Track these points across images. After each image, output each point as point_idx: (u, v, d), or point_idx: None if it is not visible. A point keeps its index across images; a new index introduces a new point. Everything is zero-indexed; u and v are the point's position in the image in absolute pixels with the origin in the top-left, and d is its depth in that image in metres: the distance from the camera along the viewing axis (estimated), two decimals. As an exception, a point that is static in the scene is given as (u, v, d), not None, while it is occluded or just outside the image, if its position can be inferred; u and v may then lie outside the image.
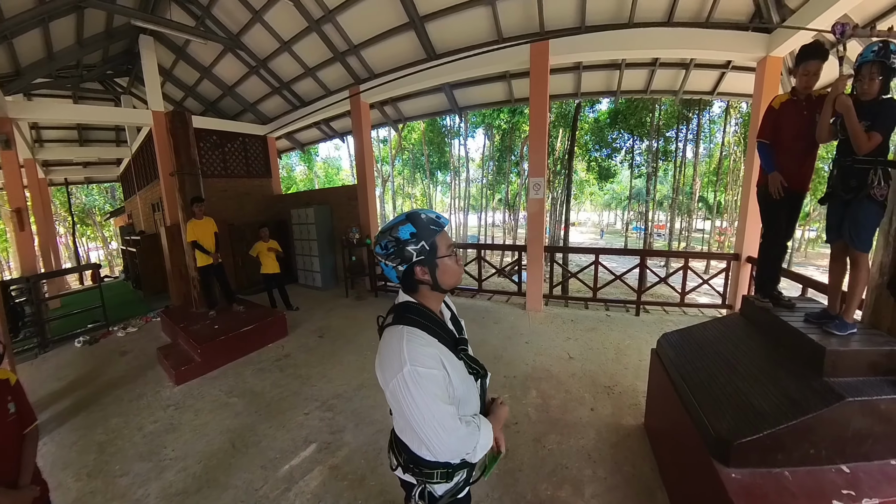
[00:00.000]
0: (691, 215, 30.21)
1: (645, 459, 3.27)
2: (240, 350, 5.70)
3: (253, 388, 4.77)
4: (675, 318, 6.62)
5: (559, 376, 4.71)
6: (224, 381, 5.01)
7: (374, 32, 7.52)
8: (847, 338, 2.50)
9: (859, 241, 2.62)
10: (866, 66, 2.51)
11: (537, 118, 6.77)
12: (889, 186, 2.51)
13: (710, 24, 6.07)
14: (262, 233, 7.61)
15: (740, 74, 7.48)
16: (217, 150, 10.31)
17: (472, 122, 26.98)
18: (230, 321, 6.08)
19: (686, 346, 3.36)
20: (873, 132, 2.46)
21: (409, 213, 1.38)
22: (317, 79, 9.14)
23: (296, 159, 39.19)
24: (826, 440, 2.19)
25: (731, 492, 2.04)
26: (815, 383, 2.33)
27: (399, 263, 1.34)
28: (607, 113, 23.85)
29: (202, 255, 6.35)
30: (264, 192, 11.60)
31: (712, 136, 27.43)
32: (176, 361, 5.24)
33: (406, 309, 1.38)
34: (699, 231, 35.49)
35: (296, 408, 4.25)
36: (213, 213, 6.80)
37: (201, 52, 9.47)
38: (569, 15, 6.45)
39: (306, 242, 10.03)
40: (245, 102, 10.90)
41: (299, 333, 6.58)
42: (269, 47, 8.67)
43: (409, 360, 1.22)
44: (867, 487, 2.07)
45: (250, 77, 9.83)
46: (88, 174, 16.47)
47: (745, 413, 2.34)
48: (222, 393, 4.69)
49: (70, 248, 23.87)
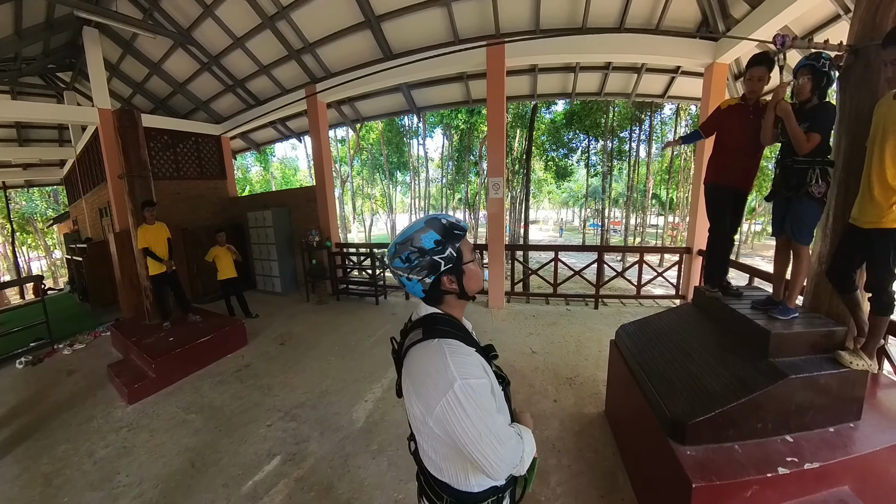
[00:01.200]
0: (645, 212, 31.26)
1: (607, 445, 3.41)
2: (197, 362, 5.44)
3: (212, 402, 4.56)
4: (631, 310, 6.91)
5: (523, 371, 4.80)
6: (181, 396, 4.76)
7: (330, 31, 7.41)
8: (790, 322, 2.70)
9: (801, 235, 2.84)
10: (803, 71, 2.73)
11: (495, 119, 6.88)
12: (827, 184, 2.73)
13: (660, 31, 6.39)
14: (218, 237, 7.33)
15: (689, 79, 7.92)
16: (169, 150, 9.79)
17: (430, 122, 27.00)
18: (186, 332, 5.78)
19: (643, 336, 3.51)
20: (812, 134, 2.66)
21: (428, 219, 1.27)
22: (272, 77, 8.90)
23: (251, 160, 37.99)
24: (772, 414, 2.37)
25: (687, 468, 2.16)
26: (762, 364, 2.50)
27: (426, 275, 1.23)
28: (563, 114, 24.40)
29: (154, 262, 6.01)
30: (219, 194, 11.11)
31: (664, 137, 28.49)
32: (128, 378, 4.91)
33: (435, 321, 1.26)
34: (653, 226, 37.28)
35: (257, 420, 4.10)
36: (165, 217, 6.44)
37: (150, 46, 9.00)
38: (524, 18, 6.60)
39: (264, 246, 9.70)
40: (197, 100, 10.44)
41: (259, 342, 6.36)
42: (221, 43, 8.36)
43: (458, 375, 1.09)
44: (808, 454, 2.27)
45: (202, 74, 9.42)
46: (29, 177, 15.32)
47: (698, 395, 2.48)
48: (179, 409, 4.45)
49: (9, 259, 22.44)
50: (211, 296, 9.05)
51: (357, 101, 9.86)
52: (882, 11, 2.58)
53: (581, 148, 26.60)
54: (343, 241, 10.06)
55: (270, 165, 39.64)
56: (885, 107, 2.39)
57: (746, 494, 2.14)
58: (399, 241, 1.25)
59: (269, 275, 9.79)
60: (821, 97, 2.76)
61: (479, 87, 8.53)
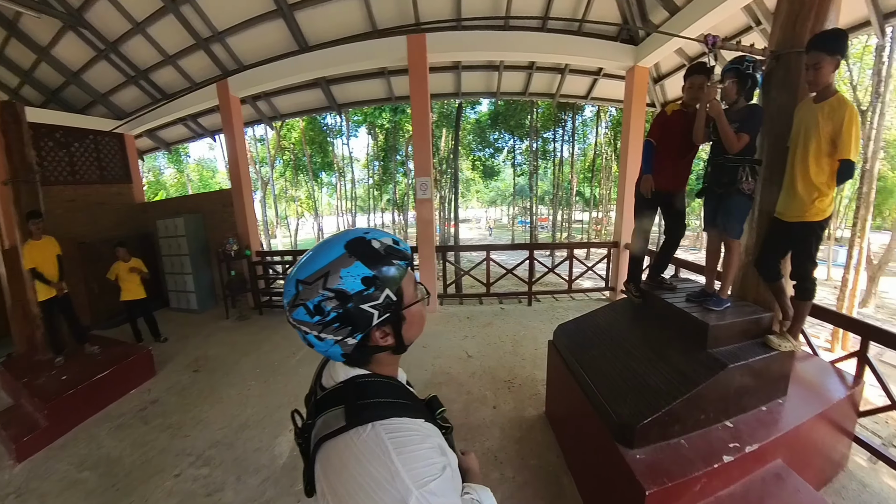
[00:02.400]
0: (571, 208, 32.54)
1: (549, 448, 3.34)
2: (95, 403, 4.60)
3: (110, 453, 3.82)
4: (564, 304, 7.10)
5: (459, 378, 4.66)
6: (75, 448, 3.94)
7: (240, 18, 6.75)
8: (724, 312, 2.80)
9: (731, 230, 2.95)
10: (728, 74, 2.85)
11: (419, 116, 6.69)
12: (756, 182, 2.87)
13: (581, 33, 6.53)
14: (118, 252, 6.30)
15: (611, 81, 8.23)
16: (62, 150, 8.41)
17: (354, 120, 26.50)
18: (82, 367, 4.89)
19: (581, 335, 3.49)
20: (742, 134, 2.76)
21: (350, 239, 0.84)
22: (179, 68, 7.97)
23: (164, 161, 35.14)
24: (713, 404, 2.44)
25: (639, 473, 2.13)
26: (701, 356, 2.56)
27: (349, 334, 0.82)
28: (488, 114, 24.84)
29: (43, 285, 5.09)
30: (124, 200, 9.68)
31: (585, 137, 29.96)
32: (18, 430, 4.00)
33: (362, 392, 0.85)
34: (578, 222, 39.21)
35: (163, 471, 3.47)
36: (60, 229, 5.39)
37: (36, 28, 7.82)
38: (444, 7, 6.47)
39: (177, 258, 8.66)
40: (95, 93, 9.03)
41: (170, 370, 5.58)
42: (119, 28, 7.24)
43: (414, 484, 0.70)
44: (747, 436, 2.39)
45: (99, 62, 8.10)
46: None
47: (643, 394, 2.47)
48: (72, 466, 3.67)
49: None
50: (117, 318, 7.84)
51: (274, 96, 9.20)
52: (801, 21, 2.82)
53: (507, 148, 27.33)
54: (266, 249, 9.44)
55: (185, 167, 36.92)
56: (805, 110, 2.60)
57: (696, 489, 2.17)
58: (301, 279, 0.81)
59: (182, 290, 8.76)
60: (748, 99, 2.90)
61: (402, 83, 8.28)
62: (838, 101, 2.42)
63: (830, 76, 2.46)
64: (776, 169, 2.86)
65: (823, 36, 2.49)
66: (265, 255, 8.61)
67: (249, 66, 7.54)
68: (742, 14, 5.56)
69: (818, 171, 2.50)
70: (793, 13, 2.86)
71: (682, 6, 5.50)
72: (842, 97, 2.44)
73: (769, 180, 2.96)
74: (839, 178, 2.46)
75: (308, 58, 6.94)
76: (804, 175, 2.55)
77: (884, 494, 2.85)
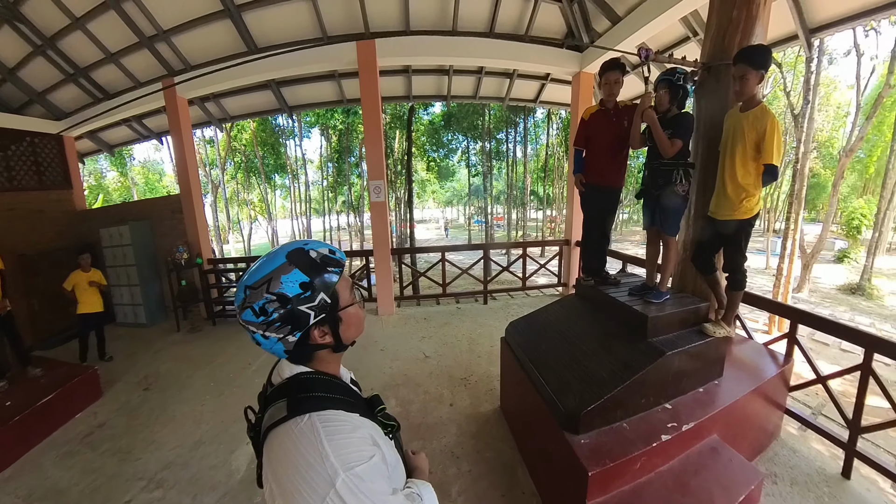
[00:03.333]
0: (525, 207, 33.20)
1: (504, 441, 3.46)
2: (39, 431, 4.28)
3: (56, 483, 3.58)
4: (519, 301, 7.31)
5: (417, 378, 4.72)
6: (20, 480, 3.67)
7: (186, 17, 6.51)
8: (663, 303, 3.03)
9: (668, 228, 3.19)
10: (661, 85, 3.08)
11: (371, 119, 6.71)
12: (690, 183, 3.10)
13: (528, 39, 6.75)
14: (81, 260, 5.99)
15: (559, 86, 8.54)
16: None
17: (306, 121, 25.97)
18: (25, 393, 4.54)
19: (531, 331, 3.64)
20: (675, 139, 2.98)
21: (290, 250, 0.97)
22: (122, 66, 7.52)
23: (106, 164, 33.20)
24: (653, 388, 2.64)
25: (582, 457, 2.27)
26: (642, 345, 2.76)
27: (289, 333, 0.94)
28: (441, 116, 24.95)
29: None
30: (64, 207, 9.03)
31: (538, 138, 30.65)
32: None
33: (303, 387, 0.96)
34: (533, 220, 40.28)
35: (112, 498, 3.30)
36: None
37: None
38: (393, 16, 6.54)
39: (123, 269, 8.15)
40: (31, 91, 8.37)
41: (118, 390, 5.27)
42: (56, 23, 6.80)
43: (341, 466, 0.80)
44: (684, 416, 2.60)
45: (35, 58, 7.57)
46: None
47: (587, 384, 2.62)
48: (20, 500, 3.44)
49: None
50: (58, 337, 7.42)
51: (223, 97, 8.90)
52: (729, 35, 3.08)
53: (461, 149, 27.60)
54: (218, 256, 9.14)
55: (130, 170, 35.02)
56: (733, 117, 2.83)
57: (636, 467, 2.34)
58: (249, 284, 0.93)
59: (130, 303, 8.24)
60: (680, 107, 3.12)
61: (353, 86, 8.23)
62: (762, 110, 2.64)
63: (755, 87, 2.66)
64: (709, 172, 3.11)
65: (748, 51, 2.69)
66: (217, 263, 8.34)
67: (197, 66, 7.30)
68: (680, 25, 5.91)
69: (745, 174, 2.72)
70: (721, 28, 3.12)
71: (623, 16, 5.80)
72: (765, 107, 2.65)
73: (703, 183, 3.21)
74: (764, 181, 2.68)
75: (257, 59, 6.79)
76: (732, 177, 2.77)
77: (811, 457, 3.20)
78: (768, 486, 2.89)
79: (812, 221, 36.50)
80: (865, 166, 30.04)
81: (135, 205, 10.02)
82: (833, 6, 4.78)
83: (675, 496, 2.29)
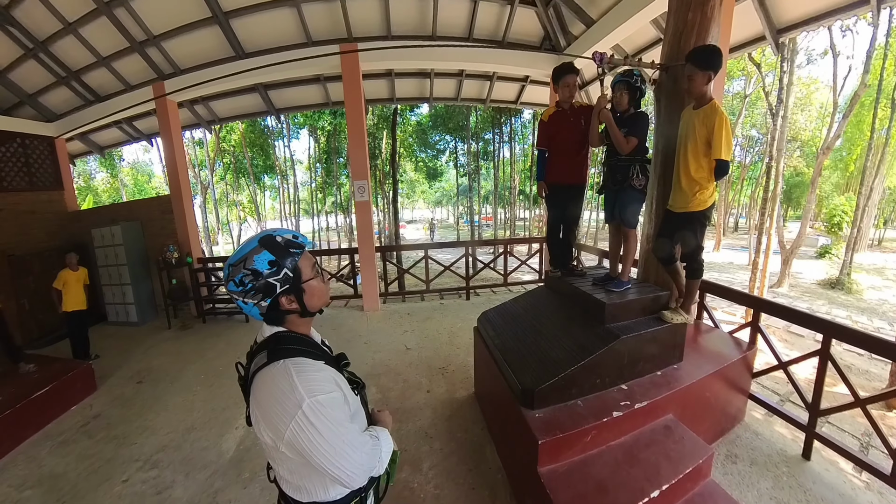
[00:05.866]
0: (514, 206, 33.39)
1: (476, 423, 3.71)
2: (33, 424, 4.43)
3: (53, 470, 3.76)
4: (501, 297, 7.52)
5: (397, 368, 4.94)
6: (14, 471, 3.81)
7: (176, 24, 6.70)
8: (624, 292, 3.25)
9: (627, 221, 3.43)
10: (618, 86, 3.31)
11: (354, 121, 6.93)
12: (646, 178, 3.34)
13: (506, 44, 7.02)
14: (69, 259, 6.16)
15: (539, 87, 8.84)
16: None
17: (294, 123, 26.00)
18: (17, 387, 4.66)
19: (501, 320, 3.87)
20: (631, 137, 3.22)
21: (262, 236, 1.23)
22: (113, 70, 7.66)
23: (95, 165, 32.94)
24: (608, 370, 2.85)
25: (535, 428, 2.50)
26: (600, 330, 2.97)
27: (262, 298, 1.20)
28: (428, 116, 25.12)
29: None
30: (55, 208, 9.15)
31: (525, 138, 30.80)
32: None
33: (279, 341, 1.23)
34: (522, 219, 40.10)
35: (111, 478, 3.51)
36: None
37: None
38: (375, 23, 6.77)
39: (114, 269, 8.28)
40: (22, 93, 8.42)
41: (112, 384, 5.45)
42: (49, 27, 6.91)
43: (306, 393, 1.09)
44: (639, 396, 2.81)
45: (27, 61, 7.65)
46: None
47: (545, 364, 2.85)
48: (13, 488, 3.57)
49: None
50: (50, 336, 7.57)
51: (212, 100, 9.07)
52: (685, 38, 3.22)
53: (449, 149, 27.78)
54: (208, 256, 9.30)
55: (119, 171, 34.65)
56: (687, 115, 3.01)
57: (587, 439, 2.55)
58: (232, 263, 1.21)
59: (121, 302, 8.38)
60: (636, 107, 3.35)
61: (338, 89, 8.42)
62: (712, 108, 2.77)
63: (703, 86, 2.81)
64: (667, 168, 3.27)
65: (696, 52, 2.83)
66: (207, 262, 8.52)
67: (186, 70, 7.47)
68: (652, 27, 6.16)
69: (697, 168, 2.86)
70: (678, 31, 3.25)
71: (597, 19, 6.07)
72: (715, 105, 2.78)
73: (662, 177, 3.39)
74: (716, 175, 2.82)
75: (245, 64, 7.00)
76: (686, 172, 2.94)
77: (774, 439, 3.41)
78: (727, 466, 3.07)
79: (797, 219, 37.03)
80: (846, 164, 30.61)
81: (125, 205, 10.13)
82: (799, 6, 4.95)
83: (624, 467, 2.45)
